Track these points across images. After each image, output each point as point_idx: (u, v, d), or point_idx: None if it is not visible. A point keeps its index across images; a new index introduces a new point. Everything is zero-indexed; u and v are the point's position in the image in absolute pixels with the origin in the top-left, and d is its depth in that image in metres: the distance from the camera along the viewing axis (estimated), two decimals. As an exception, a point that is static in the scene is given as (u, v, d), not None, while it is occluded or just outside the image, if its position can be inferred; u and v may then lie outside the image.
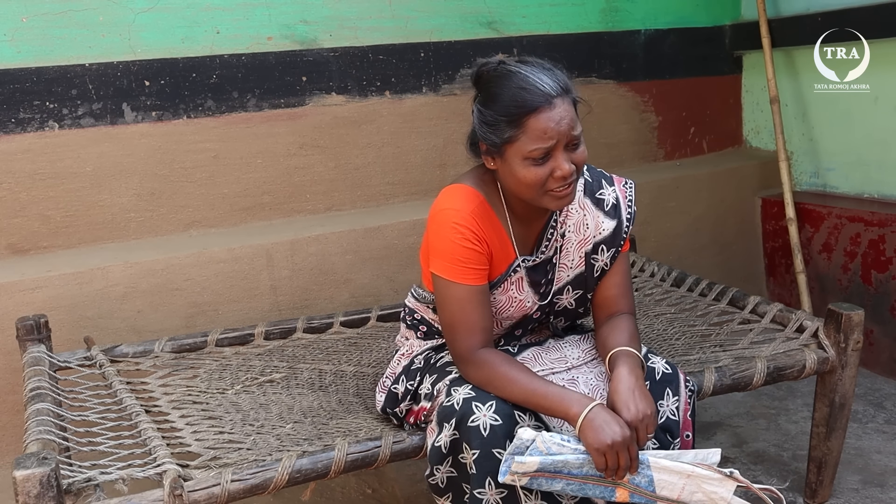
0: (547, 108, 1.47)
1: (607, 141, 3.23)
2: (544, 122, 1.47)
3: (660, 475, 1.46)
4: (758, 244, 3.39)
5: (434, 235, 1.61)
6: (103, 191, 2.48)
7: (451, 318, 1.60)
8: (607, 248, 1.70)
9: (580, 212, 1.69)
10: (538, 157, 1.49)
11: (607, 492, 1.48)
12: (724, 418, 2.62)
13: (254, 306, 2.53)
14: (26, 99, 2.36)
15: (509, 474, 1.44)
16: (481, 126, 1.54)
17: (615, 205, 1.70)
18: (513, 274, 1.67)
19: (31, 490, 1.32)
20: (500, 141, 1.51)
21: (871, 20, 2.81)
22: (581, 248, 1.69)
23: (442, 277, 1.60)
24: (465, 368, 1.60)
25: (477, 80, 1.58)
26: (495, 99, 1.52)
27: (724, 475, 1.46)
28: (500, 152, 1.53)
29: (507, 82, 1.51)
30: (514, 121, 1.48)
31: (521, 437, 1.44)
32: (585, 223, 1.69)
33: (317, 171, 2.75)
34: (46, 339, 2.08)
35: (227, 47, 2.58)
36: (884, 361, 2.87)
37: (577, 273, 1.71)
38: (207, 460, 1.61)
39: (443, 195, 1.63)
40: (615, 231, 1.69)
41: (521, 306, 1.69)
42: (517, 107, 1.48)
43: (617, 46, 3.21)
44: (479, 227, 1.58)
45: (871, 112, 2.98)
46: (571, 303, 1.74)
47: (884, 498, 2.16)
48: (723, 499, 1.47)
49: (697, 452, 1.49)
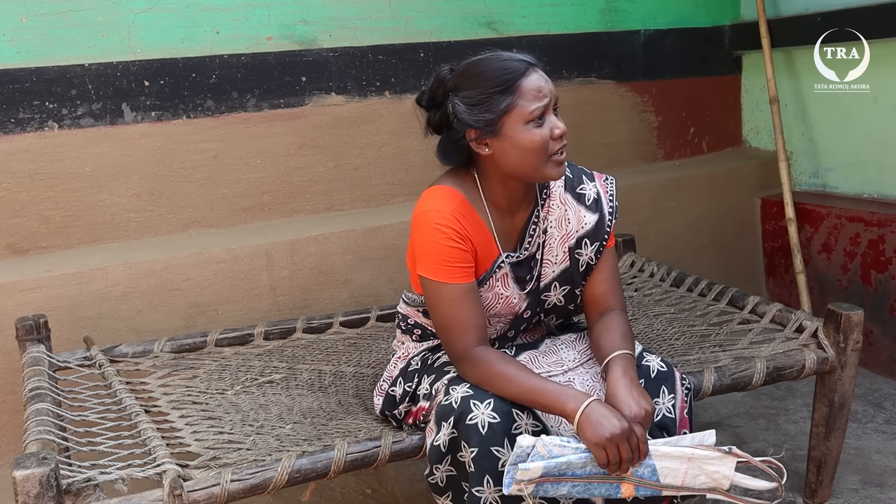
0: (533, 71, 1.55)
1: (607, 141, 3.23)
2: (535, 81, 1.54)
3: (661, 462, 1.47)
4: (757, 244, 3.39)
5: (418, 238, 1.62)
6: (103, 191, 2.48)
7: (444, 319, 1.61)
8: (590, 243, 1.71)
9: (561, 207, 1.71)
10: (538, 116, 1.53)
11: (613, 489, 1.48)
12: (724, 418, 2.62)
13: (253, 306, 2.53)
14: (26, 99, 2.36)
15: (515, 484, 1.43)
16: (470, 110, 1.55)
17: (596, 199, 1.72)
18: (497, 271, 1.68)
19: (30, 490, 1.32)
20: (496, 115, 1.53)
21: (871, 20, 2.81)
22: (564, 244, 1.71)
23: (430, 279, 1.61)
24: (462, 367, 1.60)
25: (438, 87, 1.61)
26: (480, 77, 1.55)
27: (723, 452, 1.47)
28: (495, 129, 1.55)
29: (485, 62, 1.57)
30: (508, 88, 1.53)
31: (521, 445, 1.44)
32: (567, 218, 1.70)
33: (316, 172, 2.75)
34: (46, 339, 2.07)
35: (226, 47, 2.58)
36: (883, 361, 2.87)
37: (563, 268, 1.72)
38: (207, 460, 1.61)
39: (423, 198, 1.64)
40: (598, 225, 1.71)
41: (507, 303, 1.70)
42: (507, 73, 1.53)
43: (616, 46, 3.21)
44: (461, 226, 1.60)
45: (870, 112, 2.98)
46: (560, 299, 1.75)
47: (883, 498, 2.16)
48: (725, 476, 1.48)
49: (694, 436, 1.50)
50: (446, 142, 1.64)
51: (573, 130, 3.09)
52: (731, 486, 1.50)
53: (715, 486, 1.50)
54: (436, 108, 1.63)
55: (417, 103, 1.67)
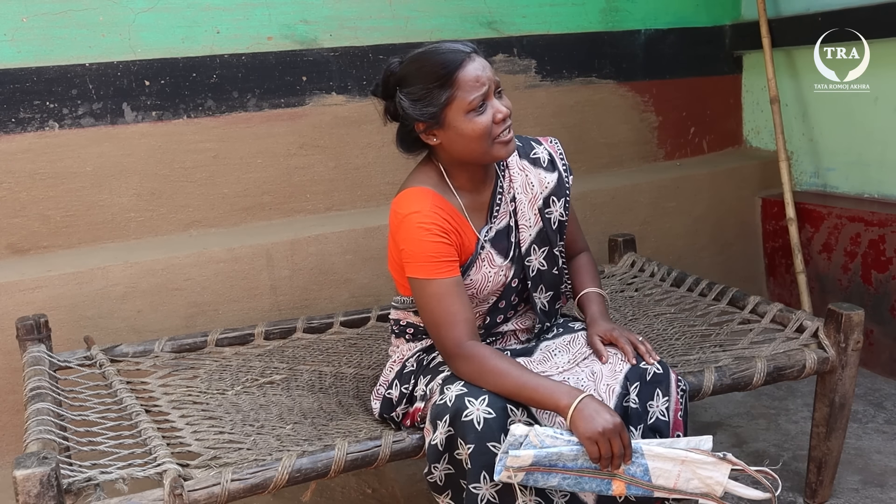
0: (469, 61, 1.60)
1: (607, 141, 3.23)
2: (472, 72, 1.59)
3: (654, 463, 1.47)
4: (758, 244, 3.39)
5: (404, 242, 1.65)
6: (103, 191, 2.48)
7: (433, 316, 1.63)
8: (557, 199, 1.81)
9: (521, 174, 1.79)
10: (478, 105, 1.59)
11: (604, 485, 1.49)
12: (724, 418, 2.62)
13: (254, 306, 2.53)
14: (26, 99, 2.36)
15: (504, 471, 1.44)
16: (414, 105, 1.61)
17: (550, 159, 1.83)
18: (481, 251, 1.73)
19: (31, 490, 1.32)
20: (437, 108, 1.59)
21: (871, 20, 2.81)
22: (533, 206, 1.79)
23: (417, 279, 1.64)
24: (455, 364, 1.61)
25: (388, 79, 1.66)
26: (419, 73, 1.60)
27: (717, 458, 1.47)
28: (439, 121, 1.61)
29: (424, 56, 1.62)
30: (445, 81, 1.58)
31: (515, 434, 1.45)
32: (530, 182, 1.79)
33: (317, 171, 2.75)
34: (46, 339, 2.08)
35: (227, 47, 2.58)
36: (884, 361, 2.87)
37: (538, 230, 1.79)
38: (207, 460, 1.61)
39: (399, 203, 1.68)
40: (559, 182, 1.82)
41: (496, 278, 1.75)
42: (443, 67, 1.58)
43: (617, 46, 3.21)
44: (442, 220, 1.65)
45: (871, 112, 2.98)
46: (542, 263, 1.80)
47: (884, 498, 2.16)
48: (718, 483, 1.47)
49: (690, 440, 1.50)
50: (402, 132, 1.71)
51: (574, 130, 3.12)
52: (724, 493, 1.50)
53: (708, 492, 1.49)
54: (389, 99, 1.68)
55: (373, 94, 1.72)
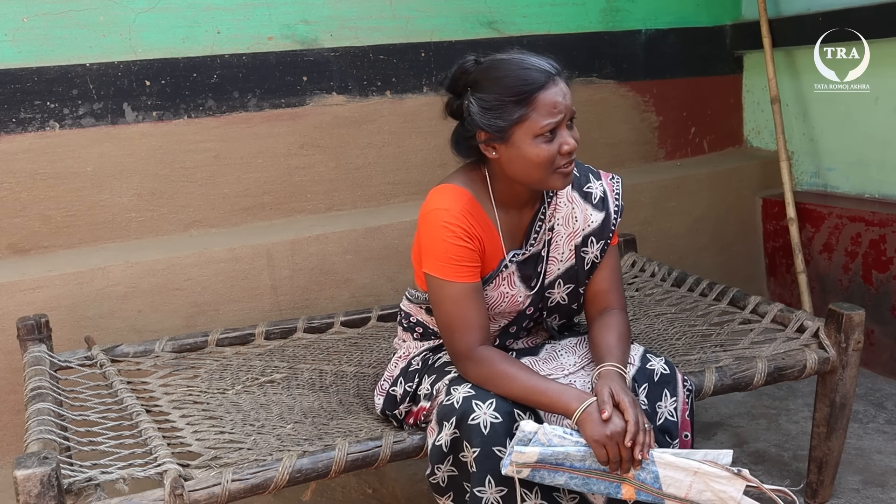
0: (552, 84, 1.52)
1: (608, 141, 3.23)
2: (552, 96, 1.51)
3: (665, 471, 1.45)
4: (758, 244, 3.39)
5: (426, 236, 1.62)
6: (104, 191, 2.48)
7: (448, 318, 1.61)
8: (597, 241, 1.71)
9: (569, 205, 1.70)
10: (550, 130, 1.51)
11: (612, 487, 1.48)
12: (725, 418, 2.62)
13: (254, 306, 2.53)
14: (27, 99, 2.36)
15: (510, 465, 1.44)
16: (483, 114, 1.54)
17: (603, 198, 1.72)
18: (504, 270, 1.68)
19: (31, 489, 1.32)
20: (508, 123, 1.52)
21: (871, 20, 2.80)
22: (571, 241, 1.71)
23: (436, 277, 1.60)
24: (464, 366, 1.60)
25: (460, 76, 1.60)
26: (498, 82, 1.53)
27: (732, 473, 1.44)
28: (505, 137, 1.54)
29: (507, 66, 1.54)
30: (524, 99, 1.50)
31: (524, 430, 1.45)
32: (574, 216, 1.70)
33: (317, 171, 2.75)
34: (47, 339, 2.08)
35: (227, 47, 2.58)
36: (884, 361, 2.87)
37: (568, 266, 1.72)
38: (208, 460, 1.61)
39: (432, 196, 1.64)
40: (604, 223, 1.71)
41: (512, 301, 1.70)
42: (525, 84, 1.50)
43: (617, 46, 3.21)
44: (469, 225, 1.59)
45: (871, 112, 2.97)
46: (564, 298, 1.75)
47: (884, 498, 2.16)
48: (732, 498, 1.44)
49: (708, 452, 1.47)
50: (459, 134, 1.65)
51: (574, 130, 3.11)
52: None
53: None
54: (455, 97, 1.62)
55: (440, 85, 1.66)
